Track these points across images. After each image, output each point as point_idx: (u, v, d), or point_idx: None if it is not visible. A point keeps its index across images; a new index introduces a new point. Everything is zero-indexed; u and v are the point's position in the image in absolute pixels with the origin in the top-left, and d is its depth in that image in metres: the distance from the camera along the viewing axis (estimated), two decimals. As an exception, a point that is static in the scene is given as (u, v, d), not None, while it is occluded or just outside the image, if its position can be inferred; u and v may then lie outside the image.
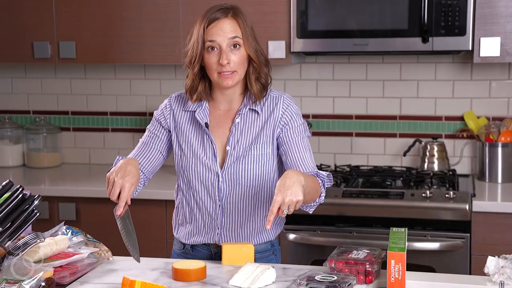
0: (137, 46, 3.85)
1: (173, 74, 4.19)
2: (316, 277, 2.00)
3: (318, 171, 2.45)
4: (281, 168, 2.53)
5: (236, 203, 2.48)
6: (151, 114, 4.21)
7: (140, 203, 3.60)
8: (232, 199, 2.48)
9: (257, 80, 2.45)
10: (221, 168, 2.46)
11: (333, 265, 2.19)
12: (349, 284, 1.97)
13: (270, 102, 2.48)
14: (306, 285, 1.97)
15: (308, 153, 2.48)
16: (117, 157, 2.51)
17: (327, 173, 2.46)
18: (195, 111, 2.50)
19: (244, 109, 2.47)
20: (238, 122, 2.47)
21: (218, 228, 2.50)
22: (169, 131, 2.54)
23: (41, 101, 4.42)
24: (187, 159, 2.50)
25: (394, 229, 2.30)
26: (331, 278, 1.99)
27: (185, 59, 2.47)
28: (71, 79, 4.35)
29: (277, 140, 2.47)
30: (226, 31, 2.37)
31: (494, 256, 2.18)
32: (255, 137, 2.46)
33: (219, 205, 2.48)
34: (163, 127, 2.54)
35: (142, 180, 2.54)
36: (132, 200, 3.65)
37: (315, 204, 2.45)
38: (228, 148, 2.46)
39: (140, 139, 2.60)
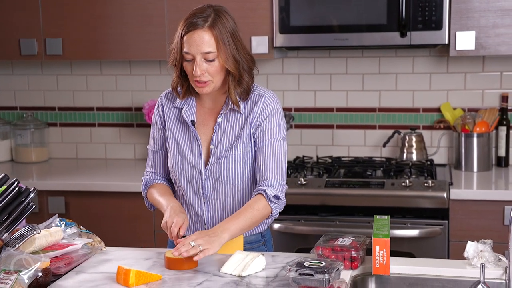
0: (123, 42, 3.90)
1: (158, 69, 4.25)
2: (305, 263, 2.04)
3: (268, 189, 2.39)
4: None
5: (220, 200, 2.52)
6: (137, 109, 4.30)
7: (128, 196, 3.67)
8: (216, 195, 2.52)
9: (238, 86, 2.43)
10: (205, 167, 2.50)
11: (320, 252, 2.25)
12: (337, 270, 2.03)
13: (252, 100, 2.48)
14: (296, 271, 2.01)
15: (276, 159, 2.45)
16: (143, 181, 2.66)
17: (279, 196, 2.41)
18: (182, 108, 2.52)
19: (226, 108, 2.48)
20: (220, 122, 2.49)
21: (205, 224, 2.55)
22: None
23: (28, 97, 4.46)
24: (174, 156, 2.53)
25: (378, 216, 2.38)
26: (320, 264, 2.04)
27: (169, 57, 2.47)
28: (58, 75, 4.40)
29: (253, 137, 2.49)
30: (199, 44, 2.33)
31: (474, 241, 2.26)
32: (237, 137, 2.47)
33: (204, 202, 2.53)
34: (163, 127, 2.58)
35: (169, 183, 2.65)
36: (121, 193, 3.77)
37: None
38: (212, 147, 2.48)
39: (149, 148, 2.65)
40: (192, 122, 2.50)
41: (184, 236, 2.40)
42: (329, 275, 1.99)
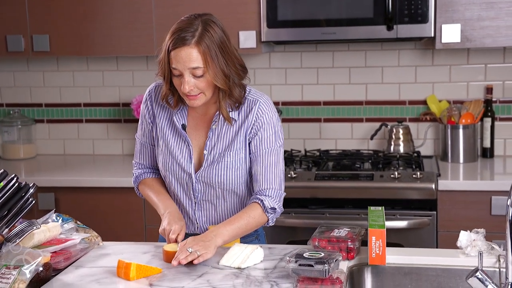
0: (110, 38, 3.90)
1: (145, 65, 4.26)
2: (304, 254, 2.06)
3: (265, 200, 2.41)
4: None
5: (211, 201, 2.53)
6: (124, 105, 4.30)
7: (119, 191, 3.68)
8: (207, 197, 2.52)
9: (229, 99, 2.39)
10: (196, 171, 2.49)
11: (316, 243, 2.28)
12: (336, 260, 2.05)
13: (246, 106, 2.44)
14: (296, 262, 2.03)
15: (273, 168, 2.44)
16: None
17: (276, 207, 2.43)
18: (173, 110, 2.49)
19: (220, 115, 2.44)
20: (214, 128, 2.46)
21: (196, 223, 2.56)
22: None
23: (14, 94, 4.45)
24: (164, 155, 2.52)
25: (372, 208, 2.40)
26: (319, 254, 2.05)
27: (158, 69, 2.41)
28: (44, 71, 4.39)
29: (249, 145, 2.47)
30: (186, 60, 2.27)
31: (466, 231, 2.30)
32: (230, 143, 2.45)
33: (195, 202, 2.54)
34: (151, 122, 2.56)
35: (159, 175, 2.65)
36: (110, 188, 3.77)
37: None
38: (205, 152, 2.46)
39: (137, 137, 2.64)
40: (183, 126, 2.48)
41: None
42: (328, 266, 2.01)
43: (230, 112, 2.43)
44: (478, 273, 1.92)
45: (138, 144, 2.64)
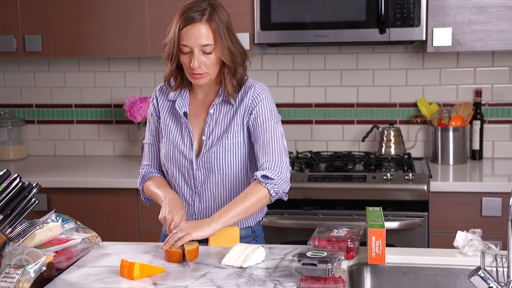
0: (103, 39, 3.90)
1: (137, 66, 4.26)
2: (307, 254, 2.07)
3: (258, 172, 2.42)
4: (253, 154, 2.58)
5: (211, 190, 2.56)
6: (116, 106, 4.30)
7: (112, 192, 3.68)
8: (207, 186, 2.55)
9: (233, 78, 2.49)
10: (196, 157, 2.54)
11: (316, 243, 2.30)
12: (338, 259, 2.06)
13: (242, 91, 2.53)
14: (299, 261, 2.04)
15: (271, 142, 2.47)
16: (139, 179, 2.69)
17: (267, 175, 2.41)
18: (175, 101, 2.57)
19: (218, 100, 2.53)
20: (212, 113, 2.53)
21: (195, 214, 2.59)
22: None
23: (4, 95, 4.43)
24: (166, 146, 2.57)
25: (370, 208, 2.43)
26: (322, 254, 2.07)
27: (164, 51, 2.50)
28: (35, 72, 4.38)
29: (247, 127, 2.53)
30: (198, 37, 2.39)
31: (463, 231, 2.34)
32: (227, 126, 2.52)
33: (195, 192, 2.56)
34: (158, 119, 2.63)
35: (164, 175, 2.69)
36: (104, 189, 3.77)
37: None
38: (204, 138, 2.52)
39: (145, 141, 2.69)
40: (185, 113, 2.55)
41: None
42: (332, 265, 2.02)
43: (227, 96, 2.52)
44: (480, 272, 1.95)
45: (146, 146, 2.70)
